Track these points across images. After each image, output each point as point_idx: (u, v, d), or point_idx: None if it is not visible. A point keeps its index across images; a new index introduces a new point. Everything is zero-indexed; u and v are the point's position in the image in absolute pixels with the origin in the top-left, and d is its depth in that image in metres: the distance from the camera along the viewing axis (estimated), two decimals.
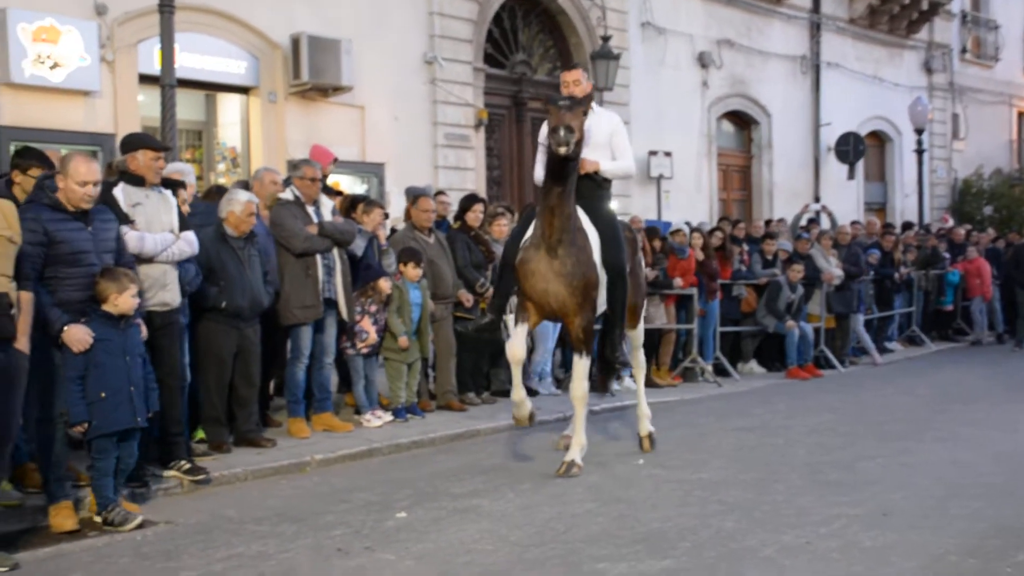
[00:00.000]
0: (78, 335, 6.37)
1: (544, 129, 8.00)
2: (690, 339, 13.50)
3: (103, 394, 6.43)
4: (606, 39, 17.36)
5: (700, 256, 13.49)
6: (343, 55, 13.75)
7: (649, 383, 12.87)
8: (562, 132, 7.28)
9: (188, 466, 7.64)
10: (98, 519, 6.61)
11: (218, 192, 9.32)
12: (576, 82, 8.26)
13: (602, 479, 7.83)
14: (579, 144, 7.53)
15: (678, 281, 13.04)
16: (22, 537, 6.40)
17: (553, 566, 5.60)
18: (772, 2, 21.35)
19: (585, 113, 7.67)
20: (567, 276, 7.72)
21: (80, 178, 6.48)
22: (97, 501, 6.64)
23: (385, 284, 9.74)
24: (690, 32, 19.80)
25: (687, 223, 14.55)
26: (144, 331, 6.85)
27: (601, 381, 9.48)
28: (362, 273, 9.70)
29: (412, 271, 10.01)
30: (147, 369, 6.78)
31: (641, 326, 9.19)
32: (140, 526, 6.52)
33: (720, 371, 13.80)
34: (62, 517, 6.53)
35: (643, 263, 9.59)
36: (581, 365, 7.98)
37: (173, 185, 7.98)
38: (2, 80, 11.25)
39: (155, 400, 6.85)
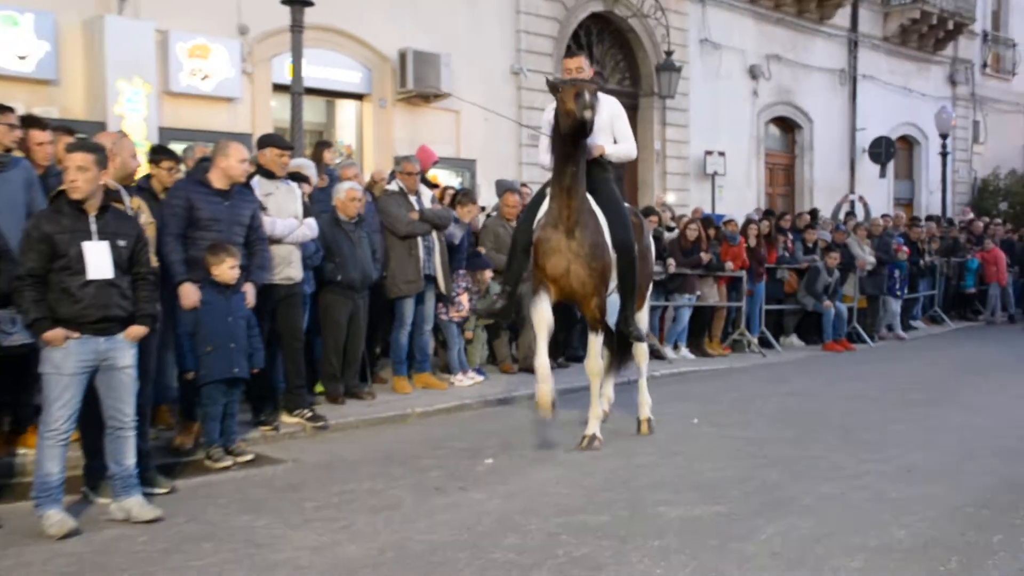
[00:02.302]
0: (188, 292, 6.50)
1: (547, 115, 7.20)
2: (739, 315, 13.36)
3: (209, 348, 6.52)
4: (669, 53, 17.16)
5: (751, 243, 13.36)
6: (443, 67, 13.78)
7: (702, 352, 12.84)
8: (587, 96, 6.38)
9: (310, 414, 7.75)
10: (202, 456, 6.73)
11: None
12: (579, 69, 7.18)
13: (661, 435, 7.76)
14: (593, 117, 6.57)
15: (729, 265, 12.90)
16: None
17: (619, 508, 5.56)
18: (815, 21, 20.92)
19: (594, 92, 6.68)
20: (587, 257, 6.89)
21: (240, 156, 6.76)
22: (204, 441, 6.74)
23: (487, 275, 10.00)
24: (742, 48, 19.47)
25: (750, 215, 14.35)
26: (250, 298, 6.79)
27: (618, 356, 8.09)
28: (471, 260, 9.98)
29: None
30: (251, 332, 6.79)
31: (646, 311, 8.07)
32: (228, 468, 6.58)
33: (765, 343, 13.61)
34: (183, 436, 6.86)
35: (651, 247, 8.42)
36: (596, 342, 7.19)
37: (298, 178, 8.08)
38: (163, 89, 11.45)
39: (259, 358, 6.86)
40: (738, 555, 4.74)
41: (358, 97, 13.87)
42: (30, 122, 7.01)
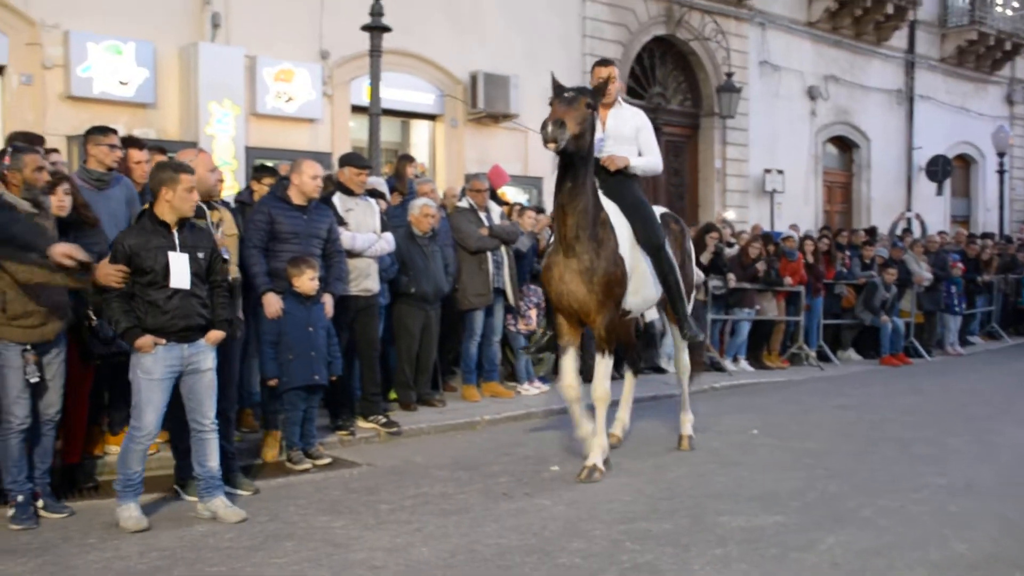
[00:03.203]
0: (271, 301, 6.59)
1: None
2: (797, 329, 13.12)
3: (290, 356, 6.59)
4: (730, 75, 17.01)
5: (808, 259, 13.15)
6: (511, 88, 13.84)
7: (761, 365, 12.65)
8: (550, 127, 5.70)
9: (384, 420, 7.79)
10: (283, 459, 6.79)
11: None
12: (612, 79, 6.69)
13: (722, 445, 7.65)
14: (579, 139, 5.87)
15: (788, 280, 12.71)
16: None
17: (681, 517, 5.49)
18: (872, 43, 20.55)
19: (589, 106, 5.94)
20: (585, 272, 6.13)
21: (312, 172, 6.84)
22: (285, 444, 6.79)
23: None
24: (801, 69, 19.21)
25: (803, 233, 14.12)
26: (328, 309, 6.83)
27: (694, 362, 7.61)
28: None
29: None
30: (331, 340, 6.84)
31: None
32: (307, 470, 6.61)
33: (822, 357, 13.36)
34: (269, 447, 6.90)
35: (692, 254, 7.71)
36: (604, 365, 6.38)
37: (376, 195, 8.17)
38: (250, 111, 11.68)
39: (338, 366, 6.91)
40: (799, 565, 4.64)
41: (431, 118, 13.98)
42: (129, 142, 7.20)
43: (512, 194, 13.51)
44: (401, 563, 4.65)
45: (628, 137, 6.80)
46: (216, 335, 5.42)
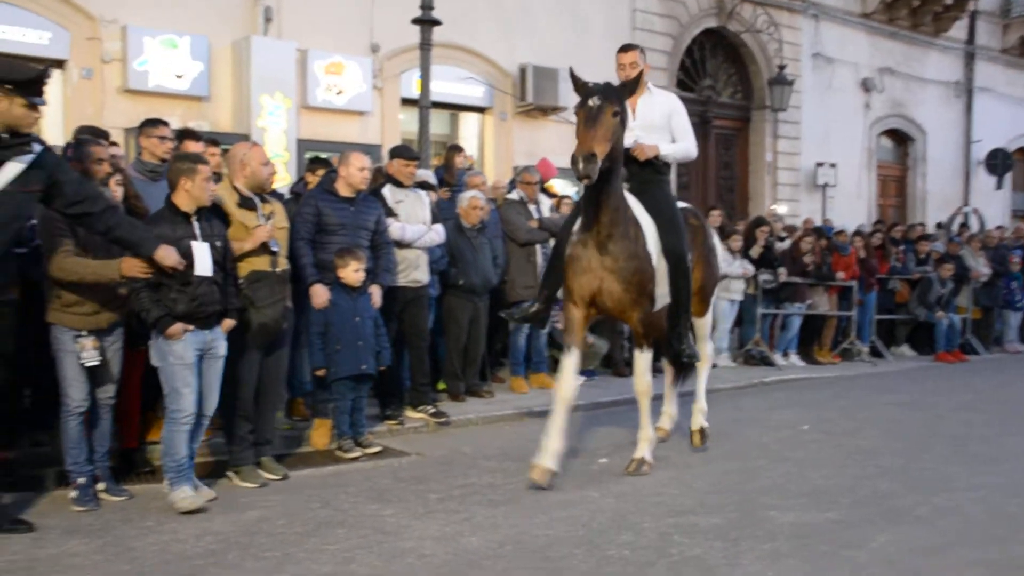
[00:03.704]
0: (318, 292, 6.66)
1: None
2: (849, 324, 12.99)
3: (338, 347, 6.66)
4: (782, 67, 16.84)
5: (861, 254, 13.00)
6: (560, 81, 13.80)
7: (812, 360, 12.53)
8: (581, 164, 5.39)
9: (433, 410, 7.86)
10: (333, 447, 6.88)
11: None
12: (633, 64, 6.40)
13: (771, 440, 7.60)
14: (612, 154, 5.66)
15: (840, 274, 12.59)
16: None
17: (730, 511, 5.47)
18: (930, 35, 20.16)
19: (616, 114, 5.67)
20: (620, 271, 6.00)
21: (359, 164, 6.92)
22: (335, 433, 6.87)
23: None
24: (855, 61, 18.92)
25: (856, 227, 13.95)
26: (376, 299, 6.90)
27: (674, 374, 7.40)
28: None
29: None
30: (379, 331, 6.89)
31: (709, 316, 7.29)
32: (357, 459, 6.68)
33: (875, 353, 13.22)
34: (319, 435, 6.98)
35: (716, 250, 7.49)
36: (643, 359, 6.31)
37: (427, 186, 8.23)
38: (301, 104, 11.81)
39: (386, 356, 6.96)
40: (851, 563, 4.61)
41: (480, 110, 14.02)
42: (185, 135, 7.34)
43: (560, 187, 13.48)
44: (450, 552, 4.70)
45: (659, 125, 6.55)
46: (230, 323, 5.60)
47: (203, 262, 5.38)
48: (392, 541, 4.85)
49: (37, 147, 4.80)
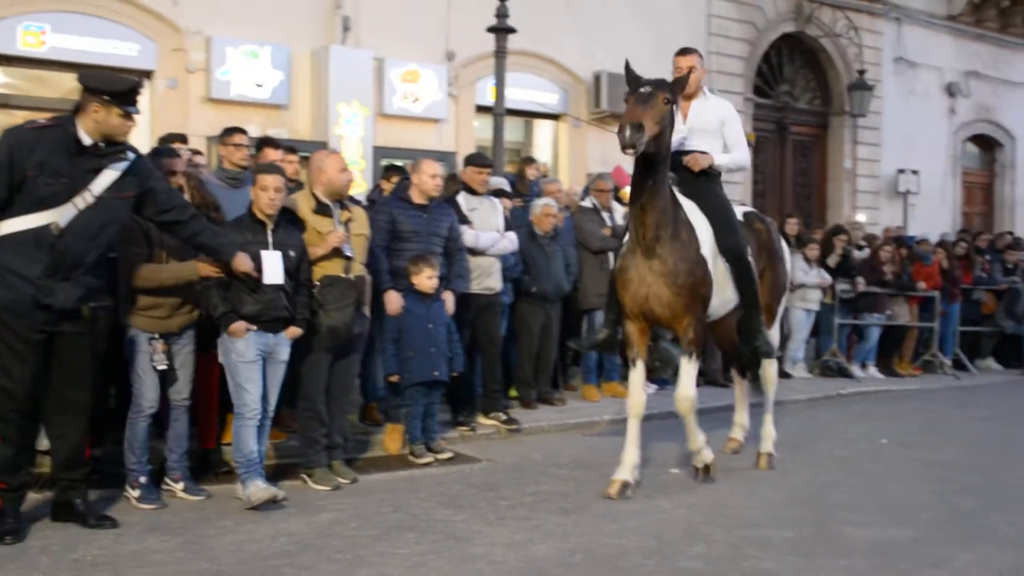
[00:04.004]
0: (392, 299, 6.74)
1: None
2: (931, 336, 12.67)
3: (411, 353, 6.71)
4: (862, 72, 16.50)
5: (945, 263, 12.67)
6: None
7: (891, 372, 12.25)
8: (628, 131, 5.24)
9: (504, 417, 7.89)
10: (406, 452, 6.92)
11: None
12: (692, 68, 6.27)
13: (848, 453, 7.46)
14: (659, 138, 5.47)
15: (921, 284, 12.28)
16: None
17: (804, 525, 5.39)
18: (1021, 36, 19.55)
19: (667, 101, 5.52)
20: (670, 275, 5.78)
21: (431, 171, 6.99)
22: (408, 438, 6.92)
23: None
24: (939, 65, 18.44)
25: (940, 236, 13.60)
26: (449, 306, 6.95)
27: (747, 373, 7.25)
28: None
29: None
30: (452, 337, 6.93)
31: (775, 330, 6.91)
32: (428, 464, 6.73)
33: (958, 365, 12.86)
34: (392, 440, 7.04)
35: (784, 256, 7.04)
36: (690, 370, 6.03)
37: (502, 194, 8.28)
38: (378, 111, 11.97)
39: (459, 363, 6.98)
40: None
41: (554, 117, 14.04)
42: (265, 142, 7.51)
43: None
44: (520, 559, 4.72)
45: (712, 131, 6.42)
46: (295, 331, 5.74)
47: (272, 270, 5.54)
48: (462, 547, 4.89)
49: (131, 155, 4.99)
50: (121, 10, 10.61)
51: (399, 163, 9.35)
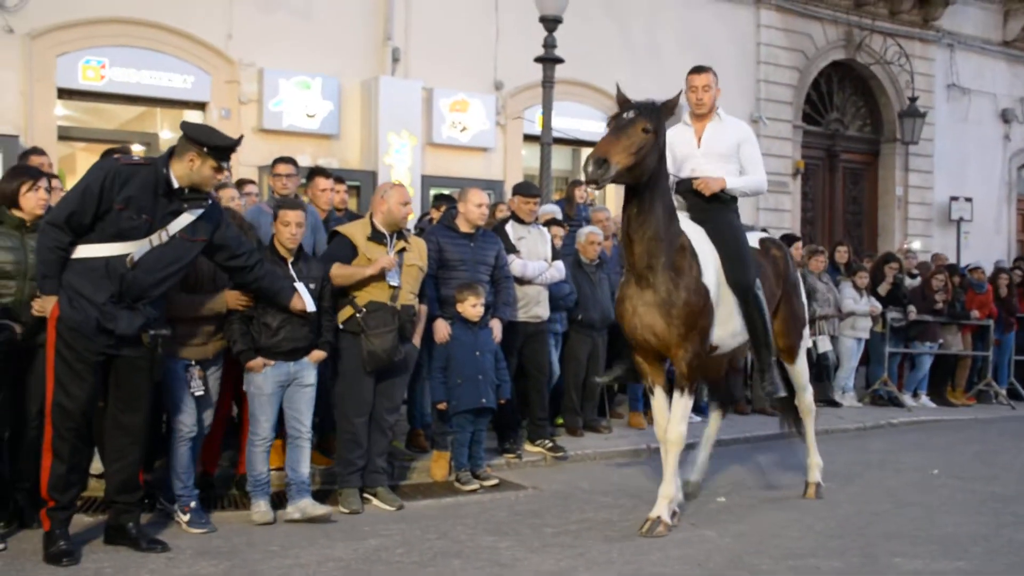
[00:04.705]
0: (440, 327, 6.82)
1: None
2: (985, 365, 12.43)
3: (459, 380, 6.76)
4: (913, 99, 16.34)
5: (1002, 292, 12.45)
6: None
7: (944, 402, 12.04)
8: (591, 167, 5.11)
9: (550, 444, 7.89)
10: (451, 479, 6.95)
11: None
12: (706, 87, 6.09)
13: (898, 484, 7.34)
14: (633, 169, 5.24)
15: (975, 313, 12.07)
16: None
17: (852, 556, 5.31)
18: None
19: (647, 130, 5.32)
20: (662, 305, 5.52)
21: (477, 201, 7.06)
22: (454, 465, 6.96)
23: None
24: (993, 91, 18.22)
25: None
26: (496, 333, 7.01)
27: (725, 411, 7.11)
28: None
29: None
30: (499, 365, 6.97)
31: (802, 362, 6.64)
32: (474, 491, 6.75)
33: (1014, 395, 12.59)
34: (438, 466, 7.07)
35: (800, 286, 6.76)
36: (682, 405, 5.69)
37: (555, 223, 8.34)
38: (427, 141, 12.15)
39: (506, 390, 7.03)
40: None
41: None
42: (315, 172, 7.66)
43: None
44: None
45: (726, 154, 6.09)
46: (318, 354, 5.93)
47: (306, 301, 5.75)
48: (507, 573, 4.90)
49: (209, 202, 5.21)
50: (177, 43, 10.92)
51: (447, 192, 9.47)
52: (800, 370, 6.63)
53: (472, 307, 6.81)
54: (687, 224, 5.82)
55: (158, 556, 5.02)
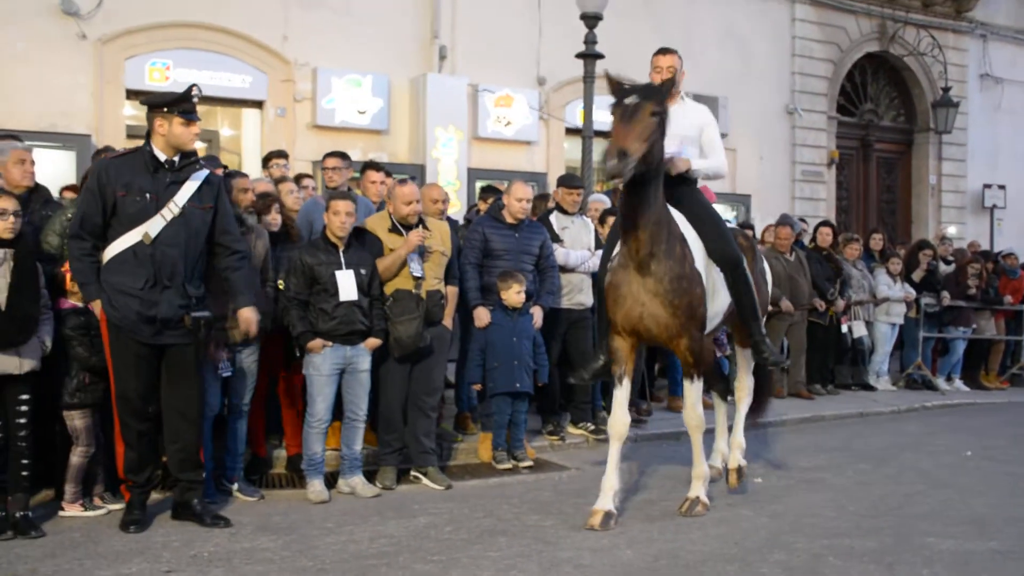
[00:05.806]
0: (480, 314, 6.85)
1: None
2: (1018, 349, 12.17)
3: (496, 364, 6.77)
4: (946, 89, 15.98)
5: None
6: (720, 108, 13.56)
7: (977, 385, 11.80)
8: (616, 160, 4.74)
9: (592, 426, 7.86)
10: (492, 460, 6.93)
11: None
12: (670, 68, 5.71)
13: (931, 466, 7.21)
14: (648, 156, 4.92)
15: (1008, 298, 11.81)
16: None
17: (886, 535, 5.23)
18: None
19: (655, 113, 4.98)
20: (666, 294, 5.25)
21: (519, 195, 7.09)
22: (493, 445, 6.93)
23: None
24: None
25: None
26: (537, 320, 6.97)
27: (766, 389, 6.72)
28: None
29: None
30: (538, 350, 6.95)
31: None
32: (508, 469, 6.75)
33: None
34: (484, 447, 7.08)
35: (766, 273, 6.57)
36: (693, 391, 5.53)
37: (609, 212, 8.30)
38: (472, 135, 12.14)
39: (544, 374, 7.00)
40: None
41: None
42: (368, 165, 7.69)
43: (720, 212, 13.30)
44: (606, 563, 4.70)
45: (691, 137, 5.79)
46: (373, 342, 5.98)
47: (346, 288, 5.82)
48: (551, 551, 4.90)
49: (203, 168, 5.24)
50: (236, 45, 11.02)
51: (494, 184, 9.49)
52: (751, 355, 6.27)
53: (516, 294, 6.81)
54: (671, 210, 5.48)
55: (221, 531, 5.11)
